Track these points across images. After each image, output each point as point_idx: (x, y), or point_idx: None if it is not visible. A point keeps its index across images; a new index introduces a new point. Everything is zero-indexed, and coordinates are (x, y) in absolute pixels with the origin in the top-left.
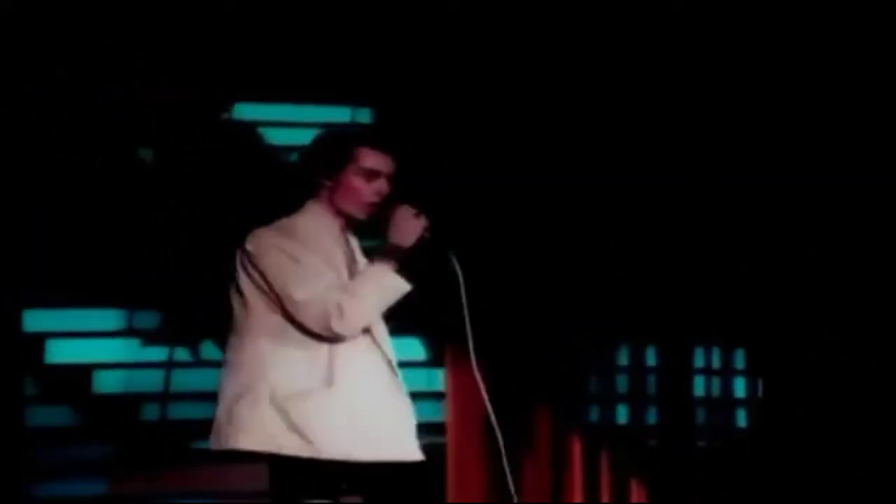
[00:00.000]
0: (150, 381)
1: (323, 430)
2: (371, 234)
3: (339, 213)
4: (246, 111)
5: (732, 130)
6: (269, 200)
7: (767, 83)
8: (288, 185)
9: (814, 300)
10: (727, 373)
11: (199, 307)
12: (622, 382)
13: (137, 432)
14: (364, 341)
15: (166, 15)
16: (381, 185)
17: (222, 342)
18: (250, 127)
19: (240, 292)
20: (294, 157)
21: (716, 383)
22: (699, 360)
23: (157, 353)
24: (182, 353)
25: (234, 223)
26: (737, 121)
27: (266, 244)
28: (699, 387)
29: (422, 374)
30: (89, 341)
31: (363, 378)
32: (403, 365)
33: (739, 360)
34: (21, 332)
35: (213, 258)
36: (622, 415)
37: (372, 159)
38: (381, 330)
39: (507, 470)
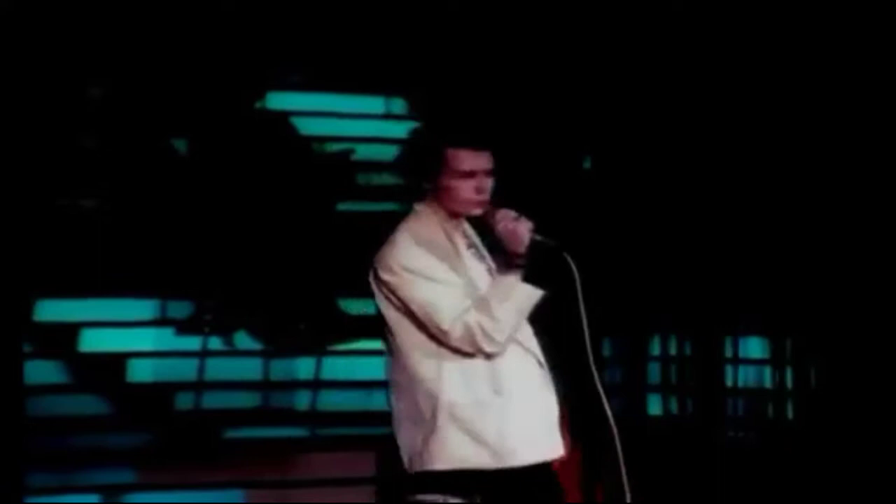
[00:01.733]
0: (184, 370)
1: (504, 439)
2: None
3: (450, 212)
4: (278, 101)
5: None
6: (299, 191)
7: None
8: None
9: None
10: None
11: (233, 296)
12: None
13: (171, 421)
14: (514, 345)
15: (199, 5)
16: (481, 181)
17: (255, 331)
18: (283, 116)
19: (383, 315)
20: (327, 146)
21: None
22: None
23: (191, 343)
24: (216, 342)
25: (267, 213)
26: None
27: (396, 267)
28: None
29: None
30: (123, 331)
31: (523, 381)
32: None
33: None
34: (31, 320)
35: (246, 248)
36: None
37: (465, 161)
38: (525, 330)
39: (624, 472)
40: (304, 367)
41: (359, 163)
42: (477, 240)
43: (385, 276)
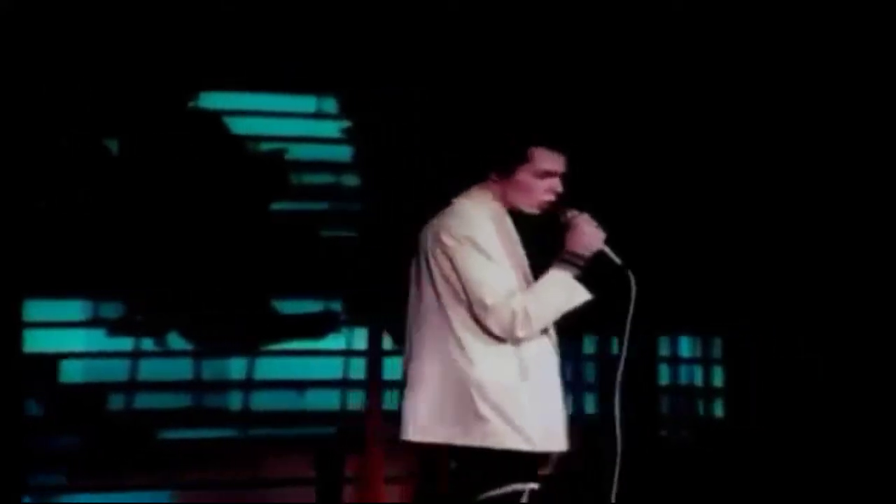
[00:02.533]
0: (116, 370)
1: (532, 423)
2: None
3: (508, 204)
4: (211, 100)
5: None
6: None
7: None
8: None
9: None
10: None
11: (165, 296)
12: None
13: (103, 422)
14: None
15: (132, 4)
16: (555, 183)
17: (187, 331)
18: (216, 116)
19: (426, 281)
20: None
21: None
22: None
23: (123, 343)
24: (148, 343)
25: (200, 213)
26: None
27: (461, 236)
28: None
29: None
30: (55, 331)
31: (545, 370)
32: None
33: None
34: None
35: (179, 248)
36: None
37: (548, 161)
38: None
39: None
40: (236, 368)
41: (292, 162)
42: (516, 235)
43: (447, 241)
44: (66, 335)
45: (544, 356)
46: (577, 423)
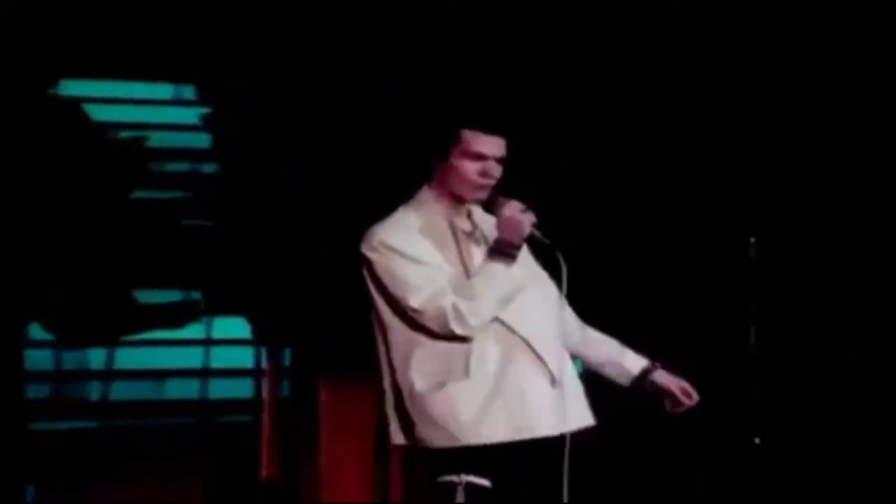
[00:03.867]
0: None
1: (464, 419)
2: None
3: (452, 195)
4: (70, 88)
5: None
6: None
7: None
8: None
9: None
10: None
11: (24, 286)
12: None
13: None
14: (496, 329)
15: None
16: (489, 166)
17: (47, 321)
18: (75, 103)
19: (367, 293)
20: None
21: None
22: None
23: None
24: None
25: (59, 201)
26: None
27: (378, 245)
28: None
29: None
30: None
31: (499, 363)
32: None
33: None
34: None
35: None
36: None
37: (480, 143)
38: (519, 314)
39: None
40: (95, 358)
41: (152, 150)
42: (485, 228)
43: (366, 252)
44: None
45: (502, 347)
46: None
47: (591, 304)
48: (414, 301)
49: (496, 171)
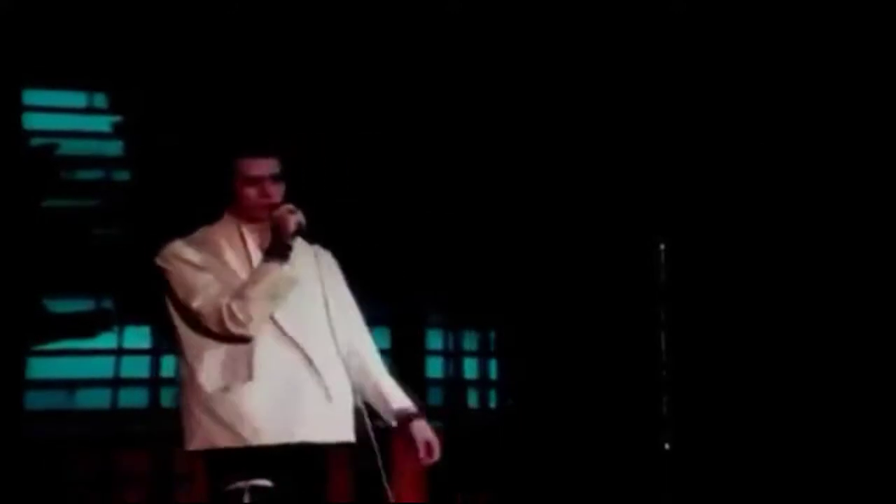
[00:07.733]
0: None
1: (247, 420)
2: None
3: (249, 217)
4: None
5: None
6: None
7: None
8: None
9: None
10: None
11: None
12: None
13: None
14: (275, 336)
15: None
16: (266, 187)
17: None
18: None
19: (165, 304)
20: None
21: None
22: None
23: None
24: None
25: None
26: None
27: (169, 256)
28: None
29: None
30: None
31: (279, 369)
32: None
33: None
34: None
35: None
36: None
37: (251, 167)
38: (299, 323)
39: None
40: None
41: (63, 158)
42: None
43: (159, 263)
44: None
45: (279, 354)
46: None
47: (502, 312)
48: (195, 303)
49: (273, 188)
